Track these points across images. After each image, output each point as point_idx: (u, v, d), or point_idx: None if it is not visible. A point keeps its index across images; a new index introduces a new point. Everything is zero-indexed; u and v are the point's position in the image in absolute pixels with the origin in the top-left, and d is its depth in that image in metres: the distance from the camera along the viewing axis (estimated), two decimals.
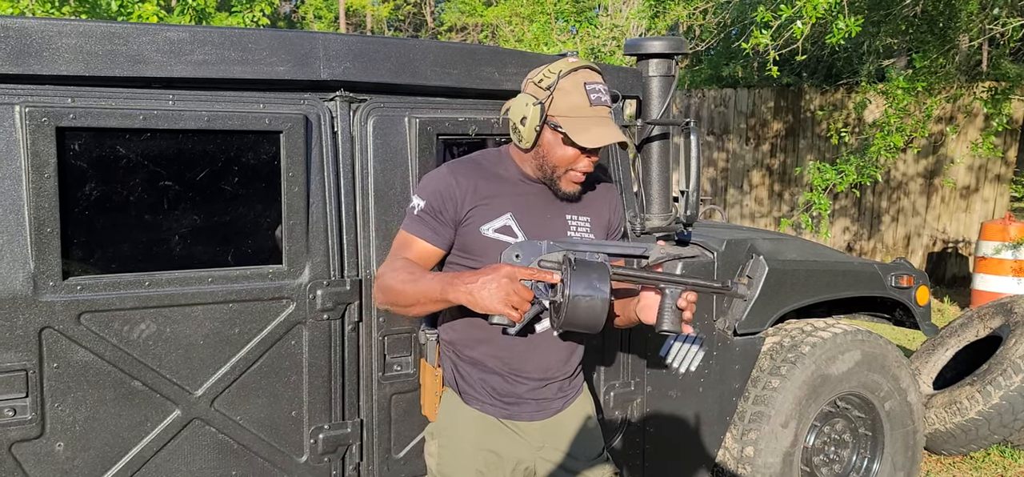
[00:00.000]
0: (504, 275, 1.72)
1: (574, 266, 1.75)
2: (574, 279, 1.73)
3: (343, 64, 2.29)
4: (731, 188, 9.98)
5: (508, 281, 1.71)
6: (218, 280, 2.20)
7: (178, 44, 2.11)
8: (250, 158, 2.23)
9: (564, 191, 1.98)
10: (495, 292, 1.71)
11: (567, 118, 1.89)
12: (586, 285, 1.73)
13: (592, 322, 1.75)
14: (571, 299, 1.72)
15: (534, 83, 1.96)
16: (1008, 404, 3.92)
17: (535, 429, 2.06)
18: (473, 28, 22.02)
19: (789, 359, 3.14)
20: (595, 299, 1.72)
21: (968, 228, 9.47)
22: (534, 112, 1.91)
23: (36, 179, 1.97)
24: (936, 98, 7.54)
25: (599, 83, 1.93)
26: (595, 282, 1.73)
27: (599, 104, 1.90)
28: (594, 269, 1.75)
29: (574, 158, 1.92)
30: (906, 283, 3.66)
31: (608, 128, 1.88)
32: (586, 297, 1.72)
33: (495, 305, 1.72)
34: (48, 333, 2.03)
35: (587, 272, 1.74)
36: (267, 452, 2.32)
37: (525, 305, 1.73)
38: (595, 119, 1.88)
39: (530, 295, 1.74)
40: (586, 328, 1.78)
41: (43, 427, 2.06)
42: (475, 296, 1.74)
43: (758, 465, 3.09)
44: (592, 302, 1.72)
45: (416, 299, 1.87)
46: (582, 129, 1.87)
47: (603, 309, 1.74)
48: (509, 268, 1.73)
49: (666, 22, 8.10)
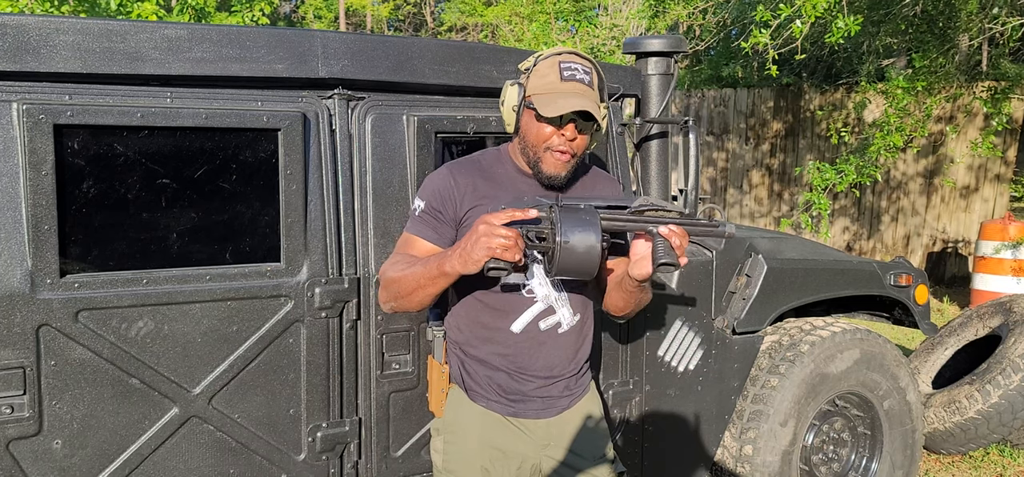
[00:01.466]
0: (482, 223, 1.73)
1: (562, 211, 1.75)
2: (564, 223, 1.74)
3: (341, 62, 2.29)
4: (731, 188, 9.98)
5: (486, 227, 1.73)
6: (216, 278, 2.20)
7: (176, 42, 2.11)
8: (248, 156, 2.23)
9: (546, 172, 1.96)
10: (483, 242, 1.72)
11: (539, 95, 1.91)
12: (576, 227, 1.74)
13: (586, 265, 1.76)
14: (563, 243, 1.73)
15: (519, 69, 2.02)
16: (1007, 403, 3.92)
17: (541, 427, 2.06)
18: (473, 28, 22.03)
19: (788, 358, 3.14)
20: (587, 240, 1.74)
21: (968, 228, 9.47)
22: (512, 93, 1.97)
23: (33, 177, 1.97)
24: (936, 98, 7.54)
25: (575, 62, 1.93)
26: (585, 224, 1.75)
27: (571, 79, 1.90)
28: (582, 212, 1.76)
29: (549, 135, 1.92)
30: (905, 282, 3.66)
31: (573, 99, 1.87)
32: (578, 238, 1.73)
33: (484, 253, 1.72)
34: (46, 331, 2.03)
35: (576, 215, 1.75)
36: (265, 450, 2.32)
37: (515, 247, 1.73)
38: (564, 92, 1.88)
39: (518, 235, 1.74)
40: (580, 273, 1.78)
41: (41, 425, 2.06)
42: (466, 255, 1.75)
43: (757, 464, 3.09)
44: (585, 242, 1.74)
45: (416, 283, 1.88)
46: (550, 102, 1.88)
47: (596, 250, 1.75)
48: (487, 215, 1.75)
49: (666, 22, 8.10)
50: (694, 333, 2.99)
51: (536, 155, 1.95)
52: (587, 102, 1.86)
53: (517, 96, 1.96)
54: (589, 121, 1.92)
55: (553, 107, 1.86)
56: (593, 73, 1.95)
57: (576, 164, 1.99)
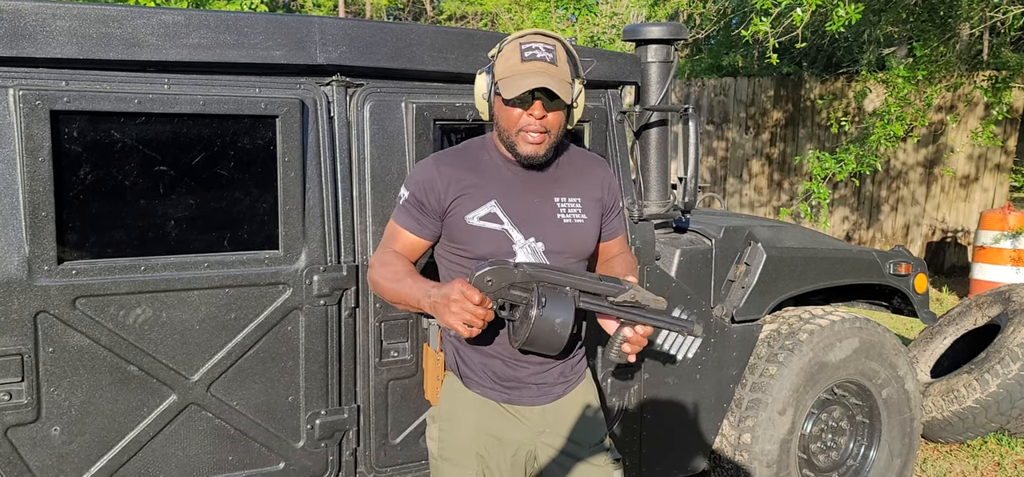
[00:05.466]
0: (457, 291, 1.78)
1: (541, 296, 1.82)
2: (541, 309, 1.81)
3: (339, 48, 2.28)
4: (731, 177, 9.97)
5: (460, 301, 1.78)
6: (214, 265, 2.19)
7: (173, 27, 2.10)
8: (246, 143, 2.22)
9: (522, 154, 1.95)
10: (454, 311, 1.79)
11: (503, 78, 1.91)
12: (550, 317, 1.81)
13: (550, 348, 1.86)
14: (533, 324, 1.81)
15: (488, 57, 2.02)
16: (1006, 392, 3.92)
17: (536, 414, 2.06)
18: (473, 17, 21.96)
19: (787, 346, 3.14)
20: (555, 330, 1.82)
21: (967, 217, 9.47)
22: (482, 81, 2.00)
23: (30, 163, 1.96)
24: (936, 87, 7.52)
25: (536, 41, 1.92)
26: (560, 315, 1.82)
27: (532, 59, 1.89)
28: (561, 302, 1.84)
29: (518, 117, 1.92)
30: (904, 270, 3.66)
31: (532, 78, 1.87)
32: (547, 328, 1.82)
33: (453, 322, 1.80)
34: (43, 317, 2.03)
35: (554, 304, 1.83)
36: (264, 437, 2.32)
37: (480, 323, 1.80)
38: (525, 73, 1.88)
39: (487, 315, 1.81)
40: (543, 350, 1.88)
41: (39, 411, 2.06)
42: (438, 312, 1.83)
43: (755, 452, 3.09)
44: (552, 332, 1.82)
45: (398, 301, 1.99)
46: (511, 83, 1.88)
47: (563, 339, 1.83)
48: (461, 288, 1.79)
49: (666, 10, 8.08)
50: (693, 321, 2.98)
51: (510, 139, 1.95)
52: (548, 79, 1.86)
53: (486, 84, 1.98)
54: (555, 99, 1.91)
55: (513, 88, 1.87)
56: (558, 50, 1.93)
57: (553, 142, 1.97)
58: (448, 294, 1.79)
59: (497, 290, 1.84)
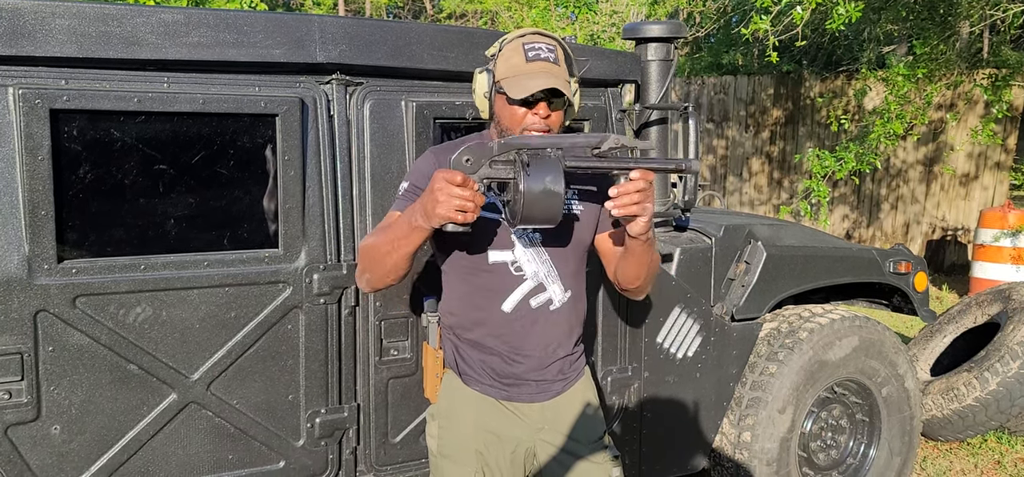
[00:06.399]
0: (437, 179, 1.71)
1: (526, 162, 1.75)
2: (526, 175, 1.73)
3: (339, 47, 2.28)
4: (731, 175, 9.97)
5: (444, 184, 1.70)
6: (214, 264, 2.19)
7: (173, 26, 2.10)
8: (246, 141, 2.22)
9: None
10: (441, 200, 1.71)
11: (506, 78, 1.92)
12: (539, 179, 1.72)
13: (548, 215, 1.76)
14: (526, 195, 1.72)
15: (487, 55, 2.02)
16: (1005, 390, 3.92)
17: (535, 411, 2.06)
18: (472, 15, 21.94)
19: (787, 345, 3.14)
20: (548, 190, 1.72)
21: (967, 216, 9.47)
22: (482, 80, 1.98)
23: (30, 162, 1.96)
24: (936, 85, 7.52)
25: (539, 42, 1.94)
26: (547, 174, 1.73)
27: (536, 60, 1.91)
28: (546, 162, 1.75)
29: (522, 116, 1.93)
30: (904, 269, 3.66)
31: (539, 78, 1.88)
32: (539, 190, 1.72)
33: (445, 213, 1.71)
34: (43, 316, 2.03)
35: (539, 166, 1.74)
36: (264, 436, 2.32)
37: (471, 206, 1.72)
38: (530, 73, 1.90)
39: (476, 197, 1.73)
40: (543, 222, 1.78)
41: (39, 410, 2.06)
42: (428, 213, 1.74)
43: (755, 450, 3.09)
44: (546, 193, 1.72)
45: (389, 246, 1.87)
46: (517, 84, 1.89)
47: (560, 201, 1.74)
48: (441, 172, 1.72)
49: (665, 8, 8.07)
50: (693, 320, 2.99)
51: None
52: (554, 79, 1.88)
53: (487, 82, 1.98)
54: (559, 98, 1.93)
55: (521, 89, 1.88)
56: (557, 50, 1.96)
57: None
58: (430, 189, 1.73)
59: (478, 168, 1.78)
